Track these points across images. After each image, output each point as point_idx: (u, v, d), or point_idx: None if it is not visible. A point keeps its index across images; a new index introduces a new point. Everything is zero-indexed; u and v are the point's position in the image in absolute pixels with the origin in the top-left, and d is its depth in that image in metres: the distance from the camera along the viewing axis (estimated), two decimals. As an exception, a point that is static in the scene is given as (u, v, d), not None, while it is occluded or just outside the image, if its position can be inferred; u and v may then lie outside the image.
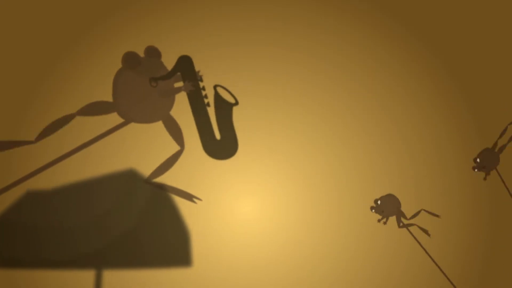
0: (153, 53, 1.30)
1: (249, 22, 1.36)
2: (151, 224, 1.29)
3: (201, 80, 1.32)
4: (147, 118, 1.31)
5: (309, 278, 1.32)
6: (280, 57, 1.37)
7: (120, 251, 1.28)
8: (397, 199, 1.32)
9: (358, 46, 1.39)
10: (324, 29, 1.38)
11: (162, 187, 1.30)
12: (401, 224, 1.31)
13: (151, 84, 1.29)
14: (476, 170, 1.28)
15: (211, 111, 1.33)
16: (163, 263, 1.30)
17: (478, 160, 1.28)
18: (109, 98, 1.29)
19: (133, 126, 1.32)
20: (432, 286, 1.35)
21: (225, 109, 1.33)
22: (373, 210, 1.31)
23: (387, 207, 1.31)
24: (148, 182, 1.30)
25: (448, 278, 1.32)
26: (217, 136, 1.33)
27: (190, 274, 1.29)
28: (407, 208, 1.35)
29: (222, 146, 1.33)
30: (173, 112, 1.33)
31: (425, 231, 1.33)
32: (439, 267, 1.33)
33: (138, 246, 1.29)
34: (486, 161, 1.30)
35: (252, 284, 1.31)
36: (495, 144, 1.32)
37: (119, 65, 1.30)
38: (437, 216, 1.32)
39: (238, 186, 1.33)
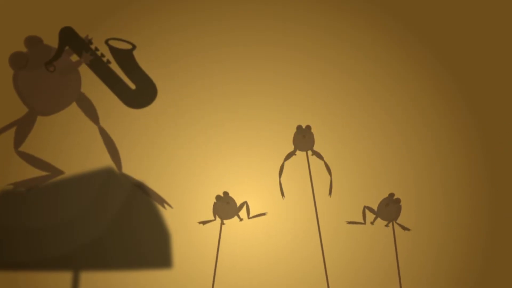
0: (33, 41, 1.26)
1: (249, 22, 1.36)
2: (132, 223, 1.27)
3: (92, 43, 1.29)
4: (64, 103, 1.27)
5: (309, 278, 1.32)
6: (280, 57, 1.36)
7: (96, 253, 1.27)
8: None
9: (358, 46, 1.39)
10: (324, 29, 1.38)
11: (141, 187, 1.27)
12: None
13: (48, 70, 1.25)
14: None
15: (114, 67, 1.30)
16: (147, 263, 1.27)
17: None
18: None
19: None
20: (431, 286, 1.35)
21: (126, 58, 1.30)
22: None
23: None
24: (125, 176, 1.27)
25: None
26: (132, 86, 1.30)
27: (172, 275, 1.28)
28: (407, 208, 1.35)
29: (141, 93, 1.30)
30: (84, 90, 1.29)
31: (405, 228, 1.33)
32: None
33: (119, 246, 1.27)
34: None
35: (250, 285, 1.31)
36: None
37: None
38: None
39: (238, 186, 1.33)
